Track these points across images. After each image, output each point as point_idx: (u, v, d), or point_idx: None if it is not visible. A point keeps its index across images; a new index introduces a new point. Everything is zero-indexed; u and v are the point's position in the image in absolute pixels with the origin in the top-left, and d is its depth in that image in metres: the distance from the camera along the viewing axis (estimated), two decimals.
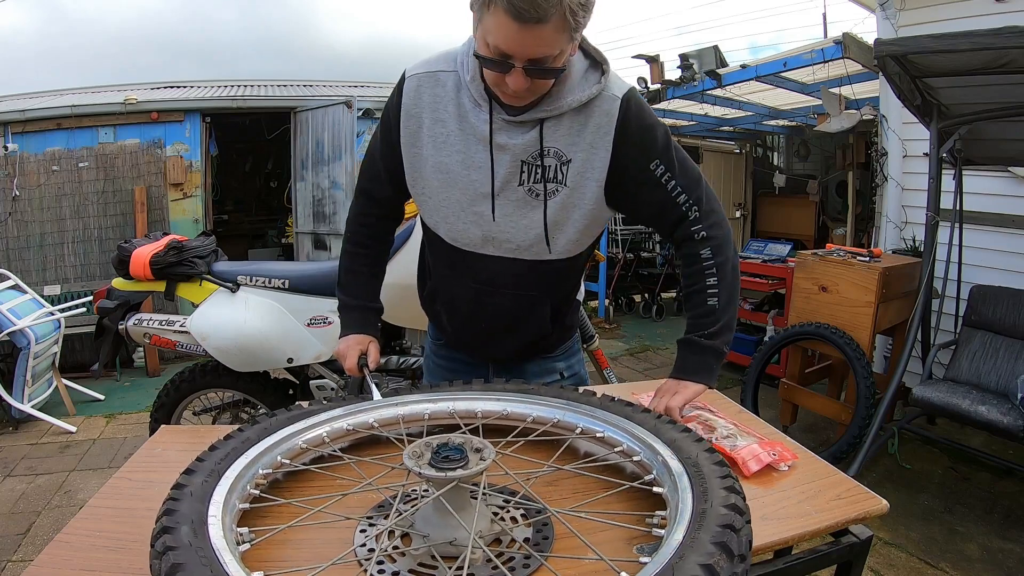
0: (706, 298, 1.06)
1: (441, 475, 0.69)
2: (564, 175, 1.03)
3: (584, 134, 1.02)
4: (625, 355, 4.93)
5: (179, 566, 0.57)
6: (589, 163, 1.03)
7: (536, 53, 0.88)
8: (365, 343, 1.19)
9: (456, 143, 1.04)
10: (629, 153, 1.03)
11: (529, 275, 1.11)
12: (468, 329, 1.21)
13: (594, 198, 1.05)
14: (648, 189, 1.05)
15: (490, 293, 1.13)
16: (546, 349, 1.27)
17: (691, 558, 0.58)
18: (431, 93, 1.05)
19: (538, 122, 1.01)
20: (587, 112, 1.02)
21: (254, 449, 0.83)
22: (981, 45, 2.20)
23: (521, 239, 1.07)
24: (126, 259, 2.20)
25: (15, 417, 3.31)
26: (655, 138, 1.04)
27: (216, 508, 0.68)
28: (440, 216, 1.10)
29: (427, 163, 1.07)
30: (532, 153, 1.02)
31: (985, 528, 2.40)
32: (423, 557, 0.70)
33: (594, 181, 1.04)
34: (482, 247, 1.09)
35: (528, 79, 0.91)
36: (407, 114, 1.06)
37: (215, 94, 5.47)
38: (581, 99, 1.00)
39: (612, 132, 1.01)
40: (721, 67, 4.68)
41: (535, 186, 1.04)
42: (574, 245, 1.10)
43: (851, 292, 2.92)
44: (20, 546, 2.25)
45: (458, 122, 1.04)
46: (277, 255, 6.99)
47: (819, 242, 6.30)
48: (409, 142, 1.07)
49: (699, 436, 0.83)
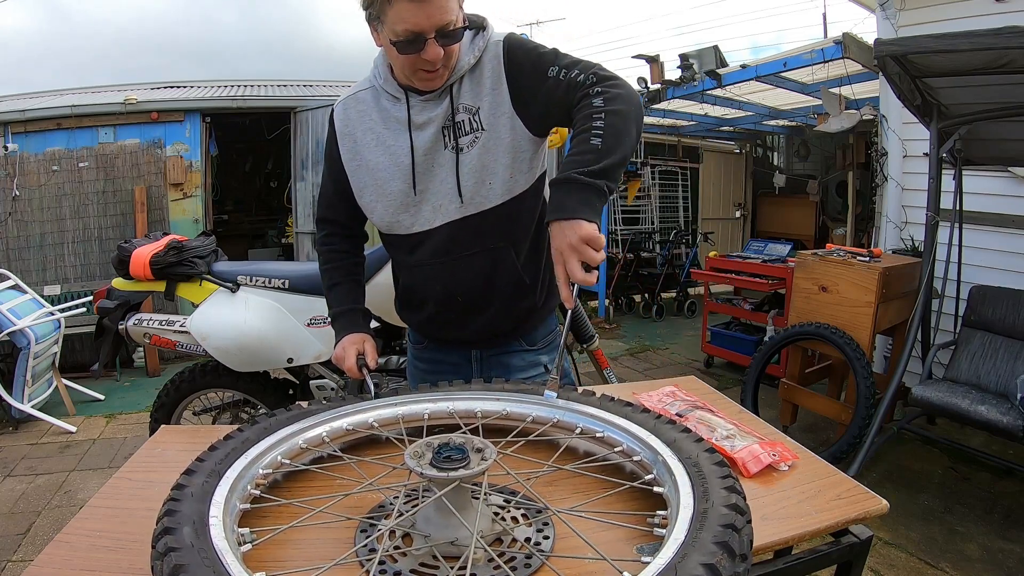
0: (589, 137, 0.96)
1: (443, 475, 0.69)
2: (479, 122, 1.11)
3: (483, 81, 1.11)
4: (625, 355, 4.93)
5: (182, 567, 0.57)
6: (495, 102, 1.10)
7: (441, 20, 0.99)
8: (360, 342, 1.19)
9: (385, 140, 1.15)
10: (524, 73, 1.10)
11: (482, 228, 1.14)
12: (450, 308, 1.21)
13: (512, 134, 1.11)
14: (554, 91, 1.08)
15: (455, 260, 1.16)
16: (529, 318, 1.26)
17: (693, 557, 0.58)
18: (356, 111, 1.18)
19: (447, 89, 1.11)
20: (482, 65, 1.11)
21: (254, 449, 0.83)
22: (981, 45, 2.20)
23: (445, 194, 1.12)
24: (126, 259, 2.20)
25: (15, 417, 3.31)
26: (541, 52, 1.11)
27: (217, 509, 0.68)
28: (385, 216, 1.17)
29: (367, 168, 1.17)
30: (448, 116, 1.11)
31: (985, 528, 2.40)
32: (424, 557, 0.70)
33: (505, 115, 1.10)
34: (433, 220, 1.14)
35: (440, 48, 1.01)
36: (342, 135, 1.19)
37: (215, 94, 5.47)
38: (473, 58, 1.10)
39: (502, 67, 1.10)
40: (721, 67, 4.68)
41: (459, 142, 1.12)
42: (511, 182, 1.13)
43: (851, 292, 2.92)
44: (20, 546, 2.25)
45: (383, 123, 1.15)
46: (277, 255, 6.99)
47: (819, 242, 6.31)
48: (350, 157, 1.19)
49: (699, 436, 0.83)
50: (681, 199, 7.19)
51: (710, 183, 7.67)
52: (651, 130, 6.77)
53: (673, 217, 7.13)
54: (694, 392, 1.26)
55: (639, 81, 5.16)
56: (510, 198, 1.13)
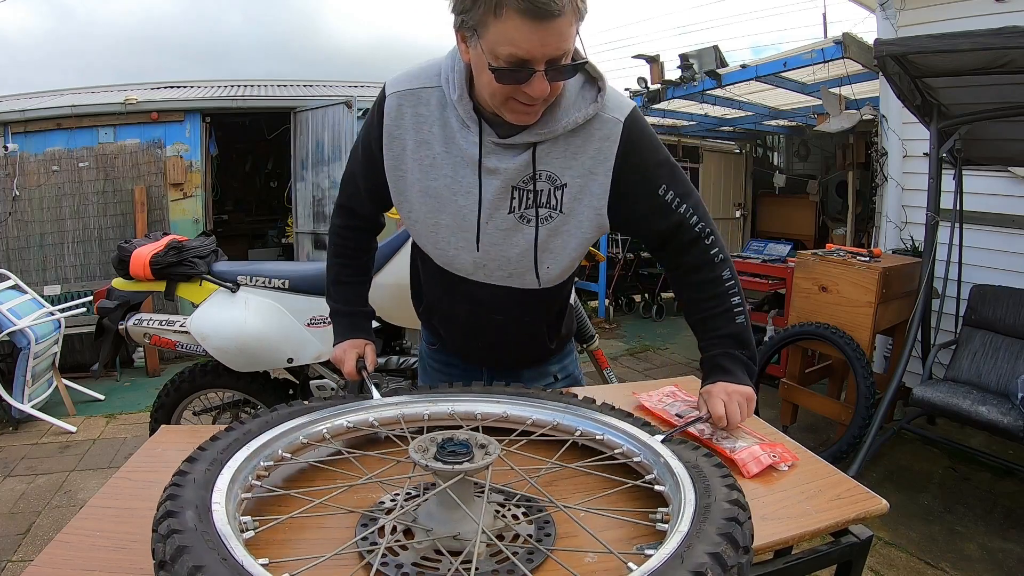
0: (734, 316, 1.04)
1: (448, 468, 0.69)
2: (558, 200, 0.98)
3: (581, 158, 0.96)
4: (625, 355, 4.93)
5: (185, 548, 0.56)
6: (586, 189, 0.98)
7: (556, 51, 0.82)
8: (361, 346, 1.18)
9: (444, 167, 0.99)
10: (633, 179, 0.98)
11: (522, 301, 1.08)
12: (468, 344, 1.21)
13: (591, 226, 1.00)
14: (658, 215, 1.01)
15: (487, 314, 1.11)
16: (545, 359, 1.27)
17: (698, 547, 0.59)
18: (413, 113, 0.99)
19: (530, 145, 0.95)
20: (584, 134, 0.96)
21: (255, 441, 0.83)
22: (981, 45, 2.20)
23: (512, 267, 1.03)
24: (126, 259, 2.20)
25: (15, 417, 3.31)
26: (659, 163, 1.00)
27: (220, 495, 0.68)
28: (429, 241, 1.05)
29: (413, 187, 1.02)
30: (524, 177, 0.96)
31: (985, 528, 2.40)
32: (427, 551, 0.70)
33: (591, 208, 0.98)
34: (473, 273, 1.05)
35: (548, 84, 0.85)
36: (389, 136, 1.01)
37: (215, 94, 5.47)
38: (578, 120, 0.94)
39: (613, 159, 0.96)
40: (721, 67, 4.68)
41: (526, 212, 0.98)
42: (566, 271, 1.06)
43: (851, 292, 2.92)
44: (20, 546, 2.25)
45: (444, 144, 0.98)
46: (277, 255, 6.99)
47: (819, 242, 6.30)
48: (393, 165, 1.02)
49: (696, 444, 0.85)
50: None
51: (710, 183, 7.66)
52: None
53: None
54: (694, 392, 1.26)
55: (639, 81, 5.16)
56: (561, 282, 1.09)
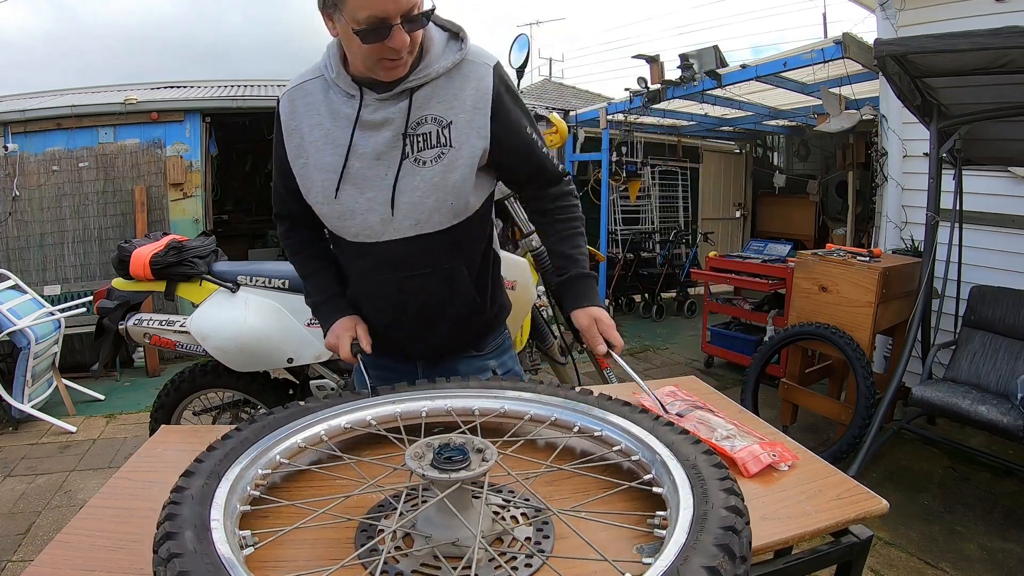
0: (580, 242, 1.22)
1: (445, 477, 0.68)
2: (447, 138, 1.05)
3: (462, 96, 1.06)
4: (625, 355, 4.88)
5: (186, 574, 0.57)
6: (472, 123, 1.06)
7: (407, 4, 0.94)
8: (352, 327, 1.16)
9: (335, 138, 1.07)
10: (506, 117, 1.08)
11: (436, 248, 1.10)
12: (401, 324, 1.18)
13: (479, 152, 1.07)
14: (526, 150, 1.13)
15: (408, 277, 1.12)
16: (480, 333, 1.25)
17: (695, 560, 0.58)
18: (304, 103, 1.09)
19: (407, 92, 1.04)
20: (460, 76, 1.06)
21: (252, 449, 0.83)
22: (981, 45, 2.20)
23: (418, 213, 1.06)
24: (126, 259, 2.20)
25: (15, 417, 3.31)
26: (524, 105, 1.13)
27: (218, 511, 0.68)
28: (334, 214, 1.10)
29: (314, 168, 1.09)
30: (411, 124, 1.05)
31: (985, 528, 2.40)
32: (426, 558, 0.70)
33: (480, 137, 1.06)
34: (384, 233, 1.08)
35: (407, 34, 0.96)
36: (288, 130, 1.10)
37: (215, 94, 5.46)
38: (447, 65, 1.04)
39: (490, 96, 1.06)
40: (721, 67, 4.68)
41: (420, 155, 1.05)
42: (468, 204, 1.10)
43: (851, 292, 2.91)
44: (20, 546, 2.25)
45: (332, 119, 1.07)
46: (277, 255, 6.99)
47: (819, 242, 6.31)
48: (296, 155, 1.10)
49: (696, 439, 0.84)
50: (681, 199, 7.19)
51: (710, 183, 7.67)
52: (651, 130, 6.76)
53: (673, 217, 7.13)
54: (694, 392, 1.26)
55: (639, 81, 5.16)
56: (465, 218, 1.10)
